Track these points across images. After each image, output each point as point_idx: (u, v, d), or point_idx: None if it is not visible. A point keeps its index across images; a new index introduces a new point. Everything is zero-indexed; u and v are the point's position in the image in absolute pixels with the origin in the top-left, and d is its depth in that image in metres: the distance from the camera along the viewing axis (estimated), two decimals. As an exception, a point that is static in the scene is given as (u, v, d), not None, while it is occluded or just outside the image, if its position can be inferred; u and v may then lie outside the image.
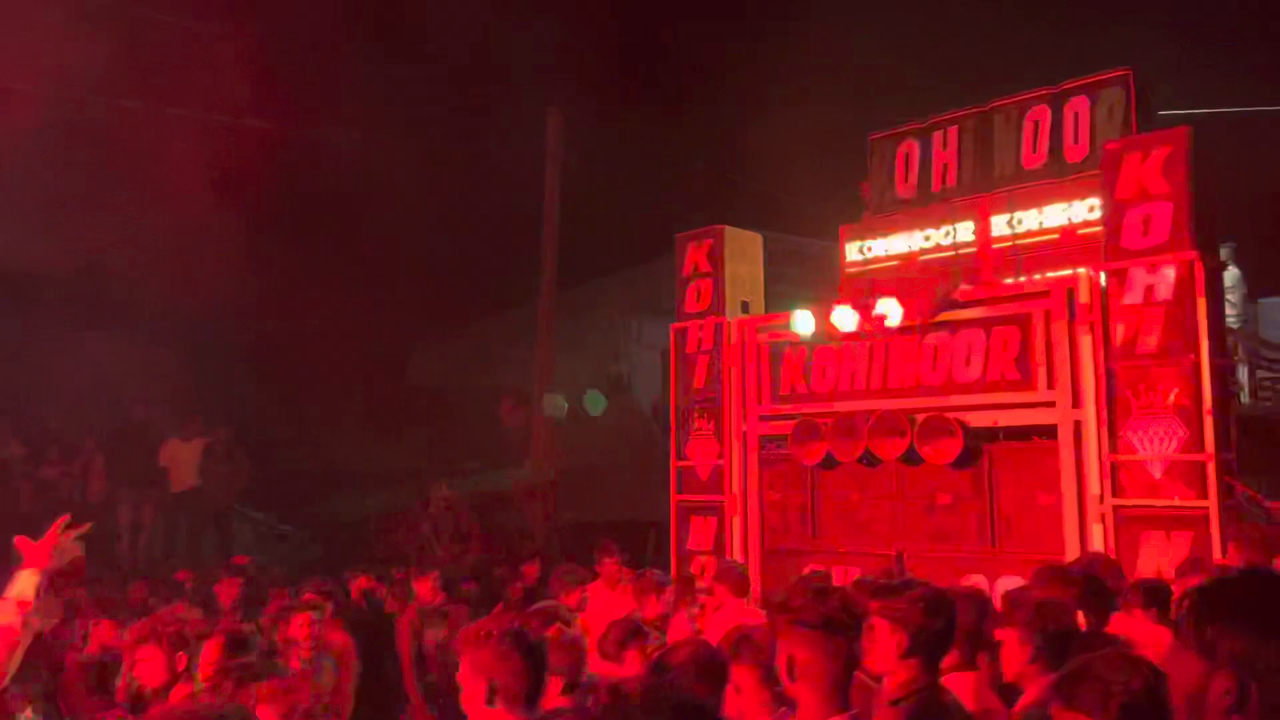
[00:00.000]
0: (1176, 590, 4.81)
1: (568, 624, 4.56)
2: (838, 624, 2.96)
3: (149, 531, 14.00)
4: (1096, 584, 5.08)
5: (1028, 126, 8.91)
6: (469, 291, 18.64)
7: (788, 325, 8.72)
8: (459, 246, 17.62)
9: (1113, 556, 6.48)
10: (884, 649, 3.10)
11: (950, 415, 7.70)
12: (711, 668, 3.70)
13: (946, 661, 3.36)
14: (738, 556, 9.01)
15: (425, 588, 8.17)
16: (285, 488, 15.63)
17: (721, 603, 6.51)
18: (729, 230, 9.66)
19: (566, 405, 15.67)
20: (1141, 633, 4.56)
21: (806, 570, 7.78)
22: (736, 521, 9.09)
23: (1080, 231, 8.39)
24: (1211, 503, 6.61)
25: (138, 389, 14.50)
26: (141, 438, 14.14)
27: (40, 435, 14.72)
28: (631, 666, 4.25)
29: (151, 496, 13.96)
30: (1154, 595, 4.80)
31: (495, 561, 11.89)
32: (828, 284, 10.42)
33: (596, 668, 4.54)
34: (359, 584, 8.69)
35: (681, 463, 9.60)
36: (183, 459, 13.95)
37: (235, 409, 15.15)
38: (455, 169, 16.37)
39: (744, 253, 9.75)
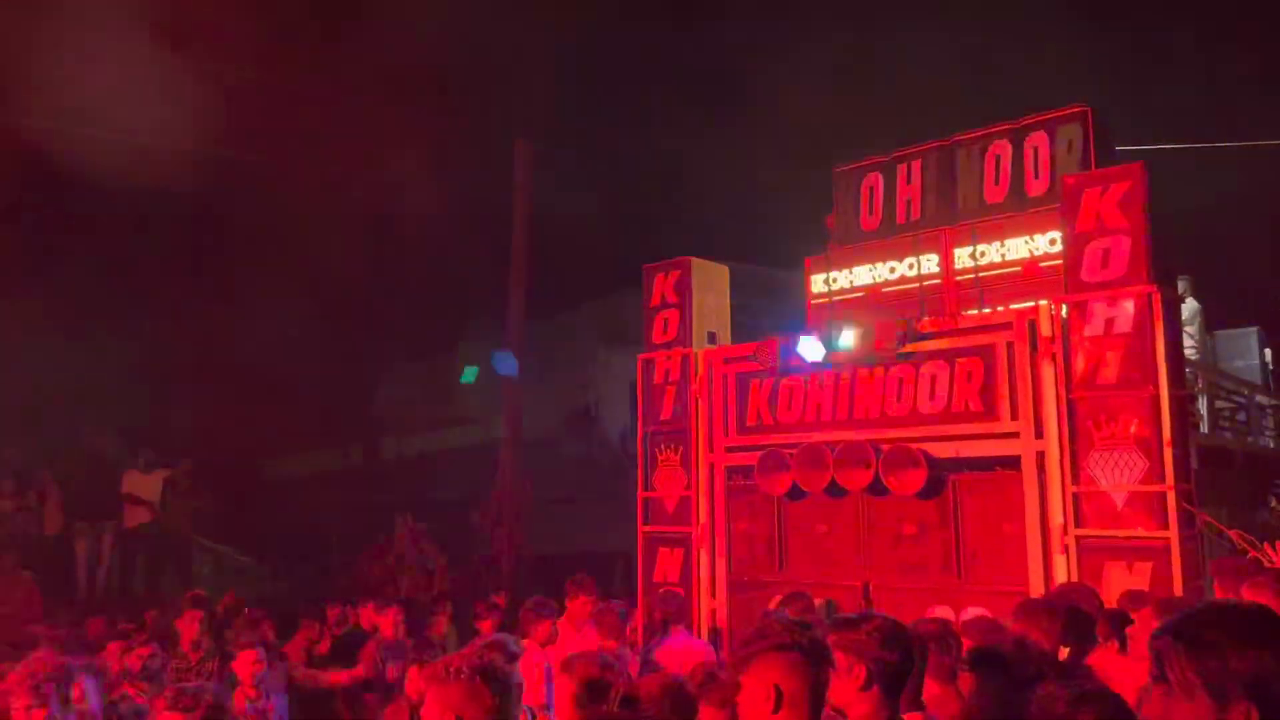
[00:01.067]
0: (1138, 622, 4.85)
1: (515, 657, 4.50)
2: (819, 652, 2.94)
3: (107, 565, 13.73)
4: (1079, 616, 5.11)
5: (989, 161, 9.05)
6: (436, 323, 18.57)
7: (753, 356, 8.77)
8: (426, 278, 17.56)
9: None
10: (844, 681, 3.09)
11: (915, 446, 7.73)
12: (682, 702, 3.67)
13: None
14: (705, 588, 9.00)
15: (388, 622, 8.07)
16: (246, 520, 15.40)
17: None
18: (696, 262, 9.70)
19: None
20: (1112, 665, 4.59)
21: (779, 597, 7.73)
22: (704, 553, 9.06)
23: (1042, 264, 8.51)
24: (1173, 533, 6.67)
25: (96, 420, 14.28)
26: (100, 469, 13.90)
27: (-4, 467, 14.42)
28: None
29: (110, 529, 13.70)
30: (1117, 626, 4.83)
31: (460, 594, 11.76)
32: (794, 315, 10.48)
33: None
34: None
35: (648, 494, 9.56)
36: (143, 491, 13.71)
37: (196, 440, 14.94)
38: (423, 200, 16.34)
39: (711, 284, 9.78)
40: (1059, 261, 7.84)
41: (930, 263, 9.25)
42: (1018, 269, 8.68)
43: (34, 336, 13.67)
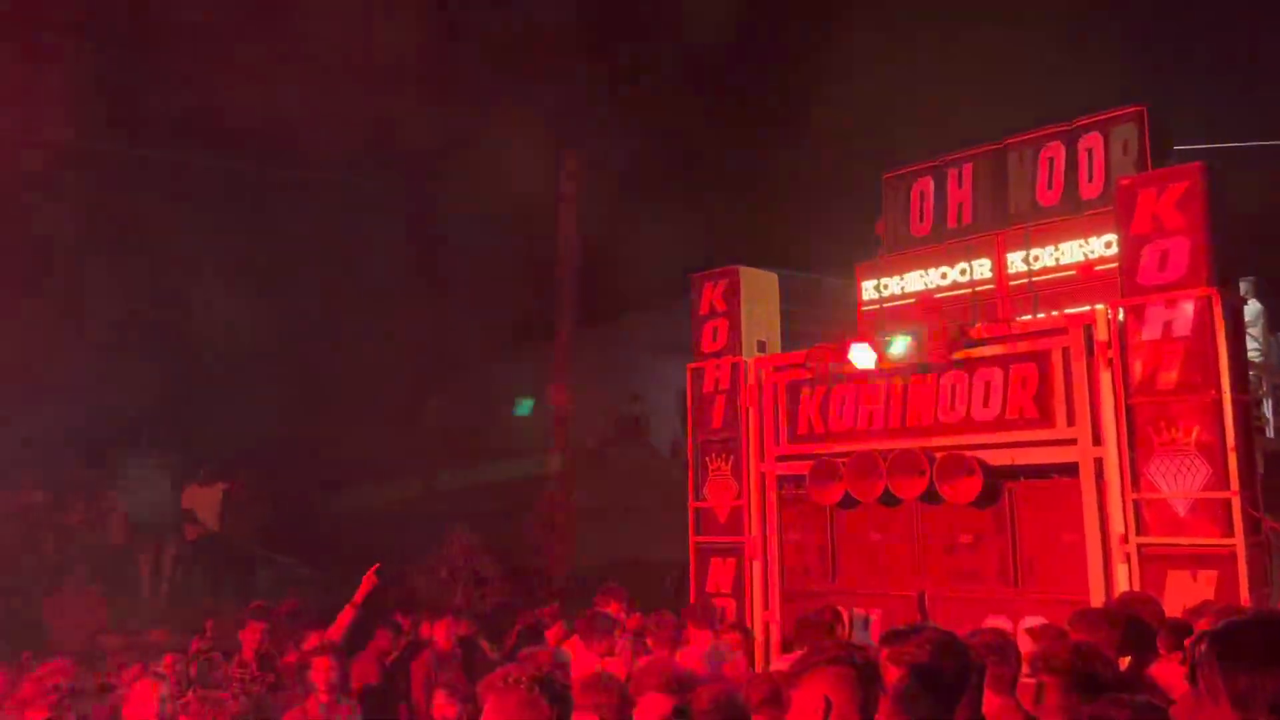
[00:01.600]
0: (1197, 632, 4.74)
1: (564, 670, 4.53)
2: (870, 669, 2.91)
3: (170, 576, 14.02)
4: (1140, 626, 4.99)
5: (1042, 163, 8.92)
6: (487, 333, 18.71)
7: (804, 364, 8.73)
8: (476, 288, 17.71)
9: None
10: (891, 694, 3.05)
11: (969, 454, 7.63)
12: (734, 714, 3.65)
13: None
14: (758, 598, 8.95)
15: (440, 633, 8.11)
16: (305, 531, 15.62)
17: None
18: (745, 270, 9.69)
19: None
20: (1175, 677, 4.49)
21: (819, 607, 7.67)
22: (756, 563, 9.02)
23: (1097, 267, 8.36)
24: (1238, 540, 6.51)
25: (159, 436, 14.59)
26: (162, 484, 14.21)
27: (62, 482, 14.80)
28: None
29: (172, 542, 14.00)
30: (1180, 638, 4.72)
31: (513, 605, 11.82)
32: (845, 322, 10.41)
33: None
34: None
35: (699, 504, 9.55)
36: (203, 504, 14.00)
37: (254, 454, 15.20)
38: (473, 211, 16.51)
39: (760, 292, 9.76)
40: (1115, 265, 7.71)
41: (983, 268, 9.14)
42: (1073, 273, 8.54)
43: (98, 353, 14.05)
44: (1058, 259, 8.68)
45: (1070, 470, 7.34)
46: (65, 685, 5.09)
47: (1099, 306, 7.48)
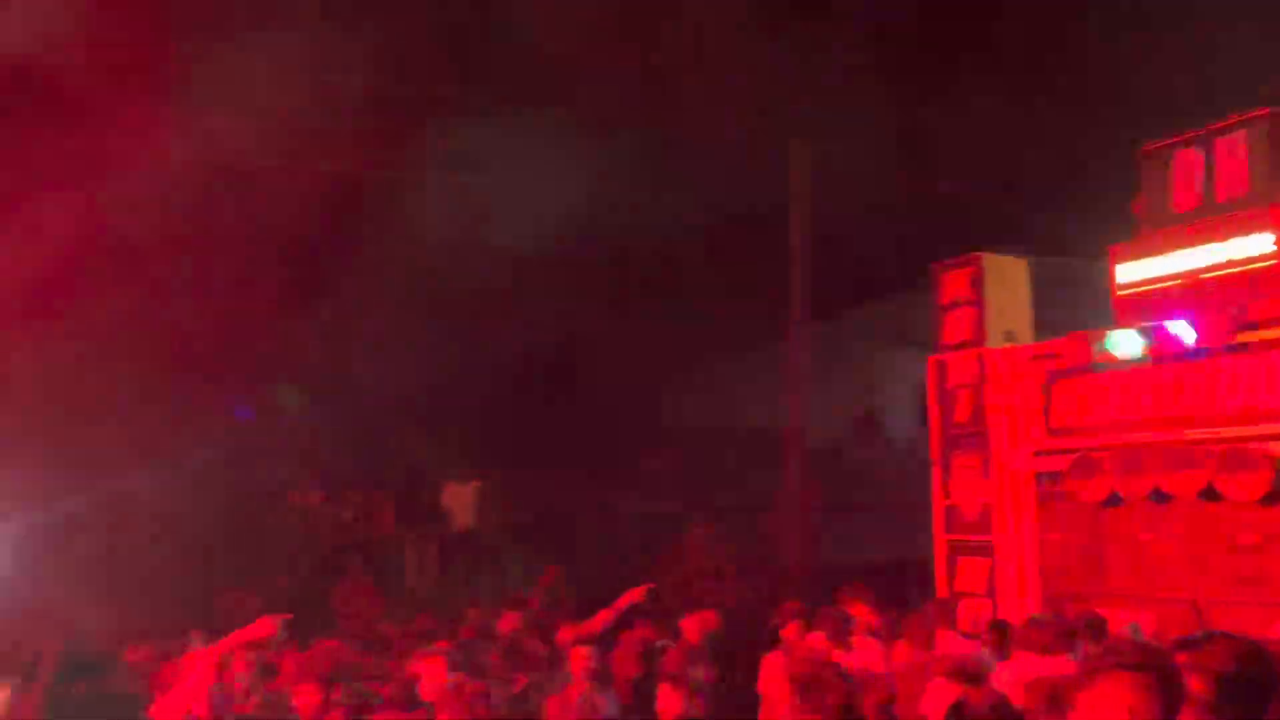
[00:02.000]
0: None
1: None
2: (1173, 678, 2.74)
3: (432, 568, 15.00)
4: None
5: (1330, 124, 8.07)
6: (718, 329, 18.81)
7: (1059, 354, 8.31)
8: (707, 283, 17.84)
9: None
10: (1195, 708, 2.84)
11: (1254, 446, 7.02)
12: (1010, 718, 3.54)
13: None
14: (1013, 599, 8.59)
15: (690, 627, 8.22)
16: (550, 527, 16.28)
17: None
18: (989, 257, 9.33)
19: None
20: None
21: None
22: (1011, 563, 8.66)
23: (1400, 237, 7.49)
24: None
25: (421, 437, 15.59)
26: (423, 480, 15.23)
27: (338, 482, 16.11)
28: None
29: (434, 536, 14.98)
30: None
31: (753, 602, 11.84)
32: (1097, 307, 9.81)
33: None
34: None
35: (946, 501, 9.27)
36: (460, 500, 14.89)
37: (507, 453, 15.95)
38: (702, 205, 16.60)
39: (1006, 279, 9.37)
40: None
41: (1260, 243, 8.34)
42: (1372, 244, 7.67)
43: (364, 358, 15.18)
44: (1352, 229, 7.82)
45: (1378, 464, 6.62)
46: (332, 663, 5.55)
47: None
